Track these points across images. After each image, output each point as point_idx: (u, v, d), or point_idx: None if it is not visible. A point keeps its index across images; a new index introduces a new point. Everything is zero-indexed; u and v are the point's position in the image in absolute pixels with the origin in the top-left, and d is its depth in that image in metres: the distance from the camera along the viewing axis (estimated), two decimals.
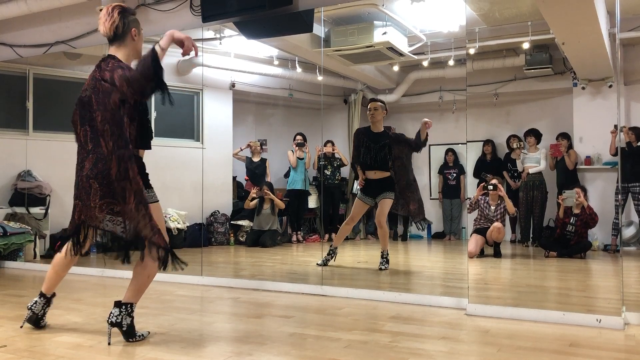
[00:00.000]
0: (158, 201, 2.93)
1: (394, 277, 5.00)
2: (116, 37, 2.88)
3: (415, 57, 6.43)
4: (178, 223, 7.03)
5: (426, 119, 5.28)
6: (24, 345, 2.84)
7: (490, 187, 6.21)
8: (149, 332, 2.99)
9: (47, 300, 3.14)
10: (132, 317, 2.87)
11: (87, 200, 2.76)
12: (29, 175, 6.61)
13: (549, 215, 6.60)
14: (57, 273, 3.14)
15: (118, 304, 2.84)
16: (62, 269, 3.13)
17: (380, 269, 5.24)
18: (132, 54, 2.93)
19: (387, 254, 5.33)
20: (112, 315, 2.82)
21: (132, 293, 2.88)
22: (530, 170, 6.74)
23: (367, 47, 5.81)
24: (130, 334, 2.85)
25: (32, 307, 3.12)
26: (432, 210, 7.95)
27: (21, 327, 3.16)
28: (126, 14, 2.91)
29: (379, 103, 5.50)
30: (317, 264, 5.42)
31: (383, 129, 5.53)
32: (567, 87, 6.78)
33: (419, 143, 5.39)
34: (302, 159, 7.32)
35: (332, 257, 5.51)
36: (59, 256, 3.12)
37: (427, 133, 5.33)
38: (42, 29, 6.00)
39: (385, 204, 5.36)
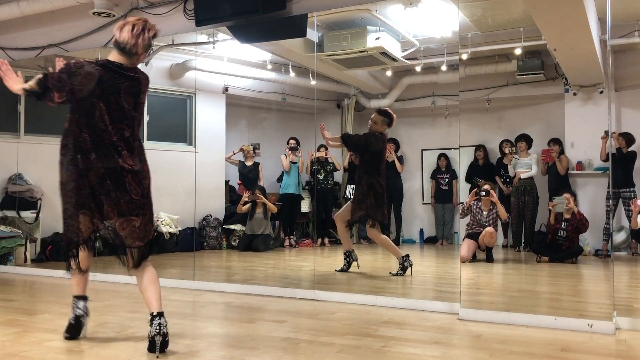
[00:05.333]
0: None
1: (386, 281, 5.00)
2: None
3: (408, 62, 6.46)
4: (170, 227, 7.00)
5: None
6: (14, 350, 2.82)
7: (483, 193, 6.23)
8: None
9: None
10: None
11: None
12: (20, 178, 6.57)
13: (541, 220, 6.64)
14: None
15: (161, 314, 2.76)
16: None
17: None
18: None
19: (402, 262, 5.19)
20: (162, 326, 2.72)
21: (160, 299, 2.86)
22: (522, 176, 6.77)
23: (361, 52, 5.83)
24: (167, 345, 2.77)
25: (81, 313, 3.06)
26: (425, 215, 7.97)
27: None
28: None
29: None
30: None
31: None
32: (559, 92, 6.83)
33: None
34: (295, 163, 7.32)
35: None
36: None
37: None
38: (35, 32, 5.97)
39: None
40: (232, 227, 7.74)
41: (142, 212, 2.87)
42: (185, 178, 5.69)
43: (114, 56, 2.89)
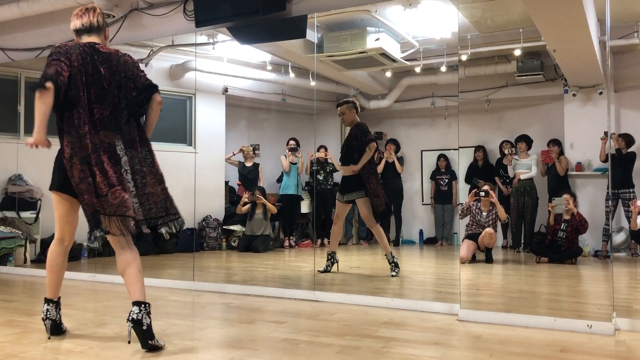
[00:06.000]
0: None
1: (385, 282, 5.01)
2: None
3: (408, 63, 6.46)
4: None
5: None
6: (13, 350, 2.82)
7: (482, 194, 6.24)
8: (164, 343, 2.87)
9: (55, 304, 3.09)
10: (150, 319, 2.79)
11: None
12: (20, 179, 6.57)
13: (540, 221, 6.64)
14: (57, 274, 3.12)
15: (136, 303, 2.76)
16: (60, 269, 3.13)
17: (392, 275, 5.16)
18: None
19: (392, 258, 5.20)
20: (132, 312, 2.73)
21: (139, 290, 2.81)
22: (522, 176, 6.77)
23: (360, 53, 5.83)
24: (151, 336, 2.76)
25: (49, 316, 3.05)
26: (424, 216, 7.98)
27: (49, 338, 3.04)
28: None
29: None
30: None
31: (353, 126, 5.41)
32: (558, 93, 6.83)
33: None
34: (295, 163, 7.33)
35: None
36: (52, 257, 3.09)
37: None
38: (35, 33, 5.98)
39: (359, 205, 5.28)
40: (232, 227, 7.74)
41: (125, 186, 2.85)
42: (185, 178, 5.70)
43: (85, 39, 3.00)
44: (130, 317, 2.73)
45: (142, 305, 2.76)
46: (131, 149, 2.93)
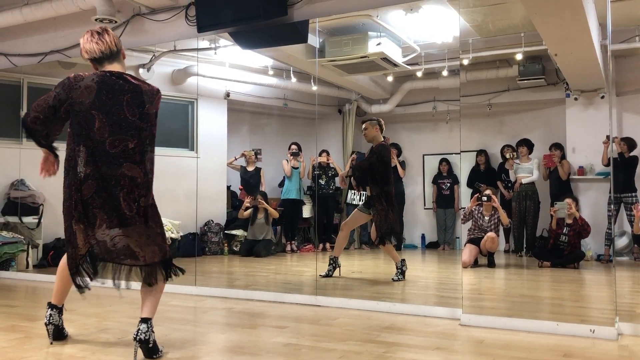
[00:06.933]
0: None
1: (388, 287, 5.00)
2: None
3: (409, 67, 6.48)
4: (172, 233, 7.01)
5: None
6: (15, 356, 2.82)
7: (485, 198, 6.23)
8: (162, 347, 2.89)
9: (59, 310, 3.10)
10: (154, 332, 2.80)
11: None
12: (22, 184, 6.58)
13: (542, 225, 6.63)
14: (67, 283, 3.11)
15: (145, 320, 2.76)
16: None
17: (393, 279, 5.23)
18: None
19: (401, 266, 5.27)
20: (140, 331, 2.73)
21: (153, 308, 2.84)
22: (523, 181, 6.76)
23: (362, 57, 5.85)
24: (155, 350, 2.78)
25: (52, 321, 3.05)
26: (426, 220, 7.97)
27: (51, 343, 3.04)
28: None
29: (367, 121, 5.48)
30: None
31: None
32: (560, 97, 6.83)
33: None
34: (297, 168, 7.33)
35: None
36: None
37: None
38: (37, 38, 6.00)
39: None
40: (234, 232, 7.74)
41: (136, 228, 2.82)
42: (187, 183, 5.70)
43: (107, 67, 2.88)
44: (137, 337, 2.72)
45: (149, 322, 2.77)
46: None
